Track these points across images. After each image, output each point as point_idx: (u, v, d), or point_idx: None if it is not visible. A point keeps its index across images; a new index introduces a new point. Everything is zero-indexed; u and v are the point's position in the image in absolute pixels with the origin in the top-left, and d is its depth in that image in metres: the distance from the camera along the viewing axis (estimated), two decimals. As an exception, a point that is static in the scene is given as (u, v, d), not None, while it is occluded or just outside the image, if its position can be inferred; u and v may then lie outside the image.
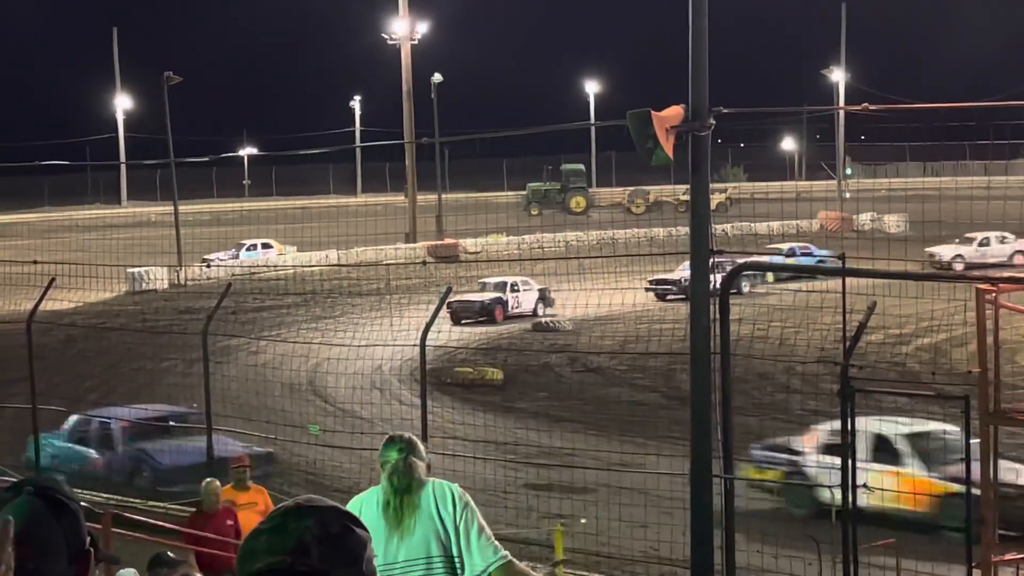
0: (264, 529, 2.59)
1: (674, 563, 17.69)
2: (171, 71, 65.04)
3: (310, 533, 2.55)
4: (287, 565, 2.52)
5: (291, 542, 2.54)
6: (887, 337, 34.31)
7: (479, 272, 54.68)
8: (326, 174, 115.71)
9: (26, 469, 23.34)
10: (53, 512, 2.77)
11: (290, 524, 2.57)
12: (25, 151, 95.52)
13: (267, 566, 2.53)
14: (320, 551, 2.53)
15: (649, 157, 12.52)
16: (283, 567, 2.52)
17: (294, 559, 2.52)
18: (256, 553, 2.55)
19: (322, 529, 2.56)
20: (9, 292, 38.78)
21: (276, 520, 2.60)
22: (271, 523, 2.60)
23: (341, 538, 2.58)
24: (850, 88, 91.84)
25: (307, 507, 2.62)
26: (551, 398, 32.90)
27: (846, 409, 13.51)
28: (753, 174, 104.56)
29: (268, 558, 2.53)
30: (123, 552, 13.79)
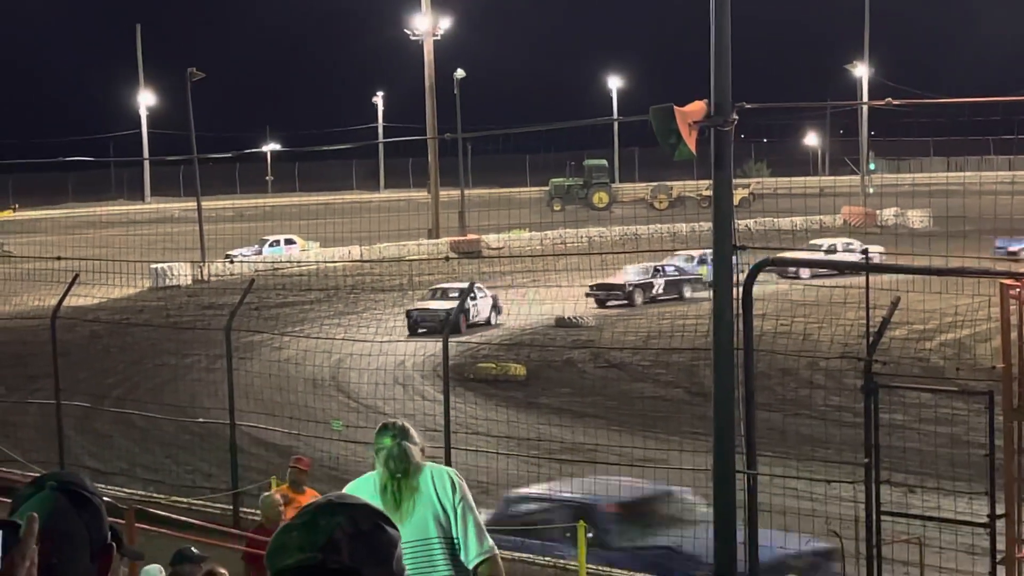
0: (295, 525, 2.60)
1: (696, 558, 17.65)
2: (194, 67, 65.23)
3: (341, 530, 2.55)
4: (318, 562, 2.52)
5: (322, 539, 2.54)
6: (911, 332, 34.21)
7: (502, 267, 54.65)
8: (349, 170, 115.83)
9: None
10: (75, 507, 2.77)
11: (321, 521, 2.57)
12: (49, 147, 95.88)
13: (297, 562, 2.53)
14: (351, 548, 2.53)
15: (672, 152, 12.50)
16: (314, 563, 2.52)
17: (325, 556, 2.52)
18: (287, 549, 2.55)
19: (353, 526, 2.56)
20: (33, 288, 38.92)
21: (307, 516, 2.60)
22: (302, 519, 2.60)
23: (372, 536, 2.57)
24: (873, 83, 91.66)
25: (338, 504, 2.62)
26: (574, 394, 32.88)
27: (869, 405, 13.47)
28: (776, 169, 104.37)
29: (299, 554, 2.54)
30: (147, 547, 13.83)
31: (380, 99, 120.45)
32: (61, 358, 23.92)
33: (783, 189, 68.81)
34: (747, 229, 52.57)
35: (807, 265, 43.13)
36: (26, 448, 25.18)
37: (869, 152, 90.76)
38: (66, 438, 24.06)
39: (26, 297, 42.32)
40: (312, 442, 24.79)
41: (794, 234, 59.41)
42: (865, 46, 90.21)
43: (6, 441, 24.19)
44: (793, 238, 56.11)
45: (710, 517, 13.79)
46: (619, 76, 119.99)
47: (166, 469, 25.67)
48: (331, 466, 25.27)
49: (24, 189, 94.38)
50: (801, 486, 20.15)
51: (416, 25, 78.03)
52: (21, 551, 2.43)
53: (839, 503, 17.70)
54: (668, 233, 62.12)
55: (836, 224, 68.94)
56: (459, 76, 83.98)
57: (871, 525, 13.66)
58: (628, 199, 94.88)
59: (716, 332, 13.35)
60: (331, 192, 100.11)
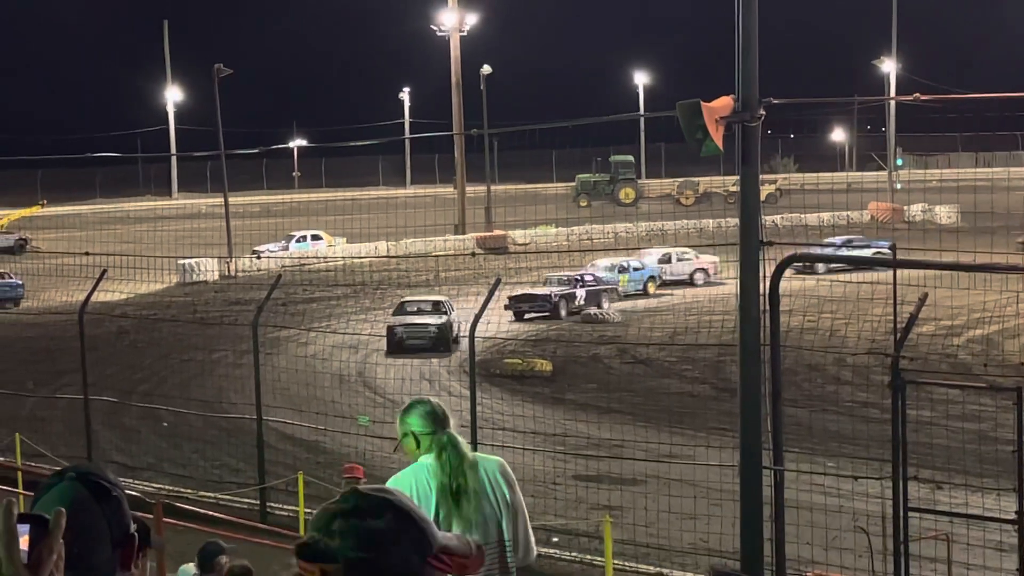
0: (324, 507, 2.68)
1: (724, 555, 17.65)
2: (221, 64, 65.36)
3: (343, 516, 2.63)
4: (314, 541, 2.64)
5: (324, 520, 2.64)
6: (938, 328, 34.10)
7: (528, 263, 54.67)
8: (375, 166, 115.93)
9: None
10: (96, 497, 2.80)
11: (336, 505, 2.65)
12: (77, 143, 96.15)
13: (304, 540, 2.64)
14: (342, 533, 2.61)
15: (699, 148, 12.49)
16: (311, 542, 2.64)
17: (321, 536, 2.62)
18: (308, 526, 2.64)
19: (356, 515, 2.64)
20: (62, 283, 39.11)
21: (336, 500, 2.69)
22: (332, 502, 2.68)
23: (374, 526, 2.64)
24: (901, 78, 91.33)
25: (360, 492, 2.71)
26: (600, 390, 32.86)
27: (897, 401, 13.44)
28: (803, 165, 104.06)
29: (310, 532, 2.62)
30: (175, 542, 13.89)
31: (407, 95, 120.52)
32: (89, 353, 24.02)
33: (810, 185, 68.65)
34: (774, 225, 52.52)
35: (833, 261, 43.03)
36: (54, 443, 25.29)
37: (896, 148, 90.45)
38: (94, 433, 24.16)
39: (54, 292, 42.54)
40: (338, 437, 24.86)
41: (821, 230, 59.30)
42: (893, 41, 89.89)
43: (34, 436, 24.30)
44: (820, 234, 56.01)
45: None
46: (646, 72, 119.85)
47: (194, 464, 25.74)
48: (358, 461, 25.30)
49: (52, 185, 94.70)
50: (828, 482, 20.13)
51: (443, 21, 78.08)
52: (49, 545, 2.45)
53: (866, 499, 17.66)
54: (695, 229, 62.07)
55: (863, 220, 68.77)
56: (485, 72, 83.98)
57: (898, 521, 13.62)
58: (654, 195, 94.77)
59: (743, 328, 13.34)
60: (358, 188, 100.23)
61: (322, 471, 22.86)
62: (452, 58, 75.90)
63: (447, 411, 6.40)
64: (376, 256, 62.00)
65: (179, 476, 24.40)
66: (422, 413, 6.34)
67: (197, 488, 22.84)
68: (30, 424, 27.38)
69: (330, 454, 25.50)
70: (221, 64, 65.38)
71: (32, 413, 29.67)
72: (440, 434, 6.24)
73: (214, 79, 64.70)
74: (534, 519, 6.59)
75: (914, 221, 68.25)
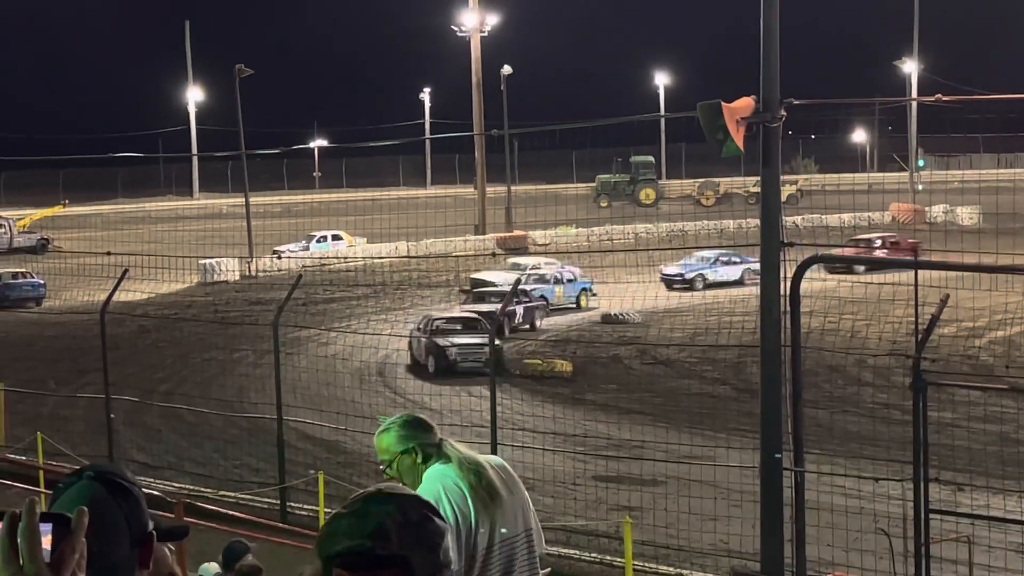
0: (345, 513, 2.65)
1: (744, 556, 17.63)
2: (242, 64, 65.47)
3: (390, 519, 2.60)
4: (366, 548, 2.56)
5: (371, 526, 2.59)
6: (960, 330, 34.01)
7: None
8: (396, 166, 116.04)
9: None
10: (114, 496, 2.81)
11: (371, 509, 2.62)
12: (99, 143, 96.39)
13: (347, 549, 2.58)
14: (400, 536, 2.58)
15: (719, 149, 12.49)
16: (362, 550, 2.57)
17: (374, 543, 2.57)
18: (336, 536, 2.60)
19: (403, 515, 2.61)
20: (83, 283, 39.24)
21: (357, 505, 2.66)
22: (352, 508, 2.66)
23: (420, 525, 2.62)
24: (923, 79, 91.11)
25: (388, 493, 2.68)
26: (620, 390, 32.84)
27: (918, 402, 13.40)
28: (824, 166, 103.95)
29: (348, 541, 2.58)
30: (195, 541, 13.91)
31: (427, 95, 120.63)
32: (110, 352, 24.09)
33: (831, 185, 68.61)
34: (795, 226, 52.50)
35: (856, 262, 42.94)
36: (75, 442, 25.35)
37: (918, 148, 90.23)
38: (115, 432, 24.23)
39: (76, 292, 42.66)
40: (359, 437, 24.86)
41: (842, 231, 59.20)
42: (914, 42, 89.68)
43: (56, 435, 24.36)
44: (841, 235, 55.90)
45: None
46: (666, 72, 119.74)
47: (214, 463, 25.79)
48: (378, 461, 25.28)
49: (74, 185, 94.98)
50: (849, 484, 20.09)
51: (463, 21, 78.07)
52: (71, 544, 2.46)
53: (887, 501, 17.63)
54: (715, 230, 61.99)
55: (885, 221, 68.63)
56: (506, 72, 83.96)
57: (919, 523, 13.60)
58: (675, 195, 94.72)
59: (763, 329, 13.33)
60: (378, 188, 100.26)
61: (342, 471, 22.89)
62: (473, 58, 75.89)
63: (431, 420, 6.26)
64: (396, 256, 62.04)
65: (200, 475, 24.44)
66: (417, 425, 6.15)
67: (218, 487, 22.87)
68: (52, 423, 27.46)
69: (350, 454, 25.52)
70: (242, 64, 65.48)
71: (54, 412, 29.75)
72: (444, 444, 6.09)
73: (235, 79, 64.81)
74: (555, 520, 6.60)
75: (936, 222, 68.06)
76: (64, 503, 2.78)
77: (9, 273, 54.63)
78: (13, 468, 22.39)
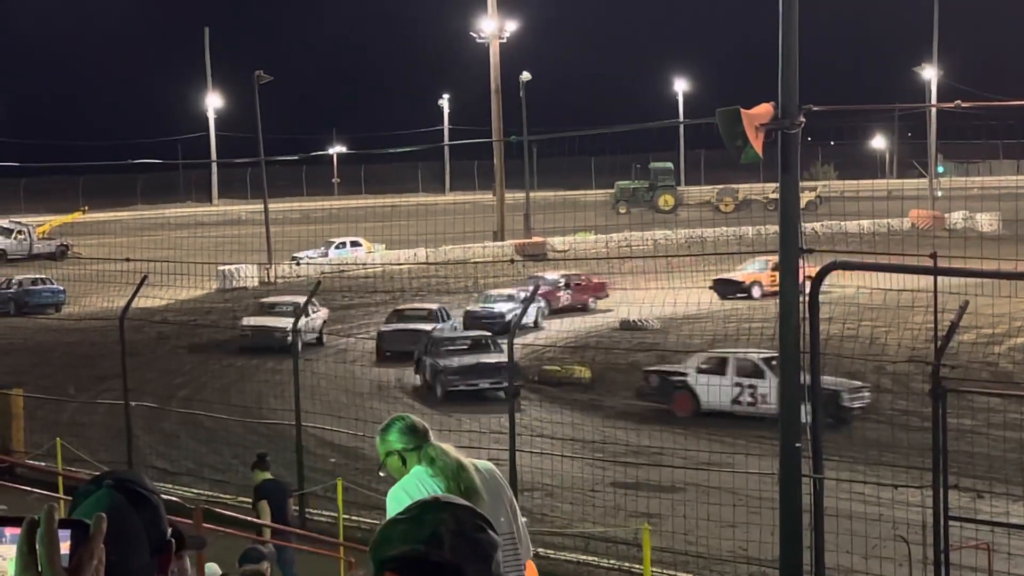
0: (401, 519, 2.67)
1: (763, 563, 17.61)
2: (261, 71, 65.59)
3: (445, 527, 2.61)
4: (420, 554, 2.58)
5: (426, 533, 2.60)
6: (979, 337, 33.93)
7: (567, 270, 54.58)
8: (415, 172, 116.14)
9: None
10: (133, 504, 2.81)
11: (426, 516, 2.64)
12: (118, 150, 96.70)
13: (400, 554, 2.59)
14: (453, 544, 2.59)
15: (738, 155, 12.47)
16: (416, 556, 2.58)
17: (428, 549, 2.58)
18: (391, 541, 2.62)
19: (457, 524, 2.63)
20: (103, 289, 39.30)
21: (413, 512, 2.68)
22: (408, 514, 2.68)
23: (474, 535, 2.64)
24: (942, 85, 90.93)
25: (444, 502, 2.70)
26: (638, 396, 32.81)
27: (937, 409, 13.37)
28: (843, 172, 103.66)
29: (402, 546, 2.60)
30: (213, 547, 13.92)
31: (446, 101, 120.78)
32: (130, 359, 24.15)
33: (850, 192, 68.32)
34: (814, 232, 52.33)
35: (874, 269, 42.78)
36: (94, 448, 25.42)
37: (937, 155, 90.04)
38: (134, 438, 24.27)
39: (95, 298, 42.76)
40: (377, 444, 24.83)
41: (861, 237, 59.05)
42: (934, 48, 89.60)
43: (75, 441, 24.42)
44: (860, 242, 55.77)
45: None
46: (685, 79, 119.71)
47: (233, 469, 25.81)
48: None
49: (93, 191, 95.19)
50: (868, 490, 20.05)
51: (482, 27, 78.13)
52: (89, 550, 2.46)
53: (906, 508, 17.60)
54: (734, 236, 61.93)
55: (904, 228, 68.47)
56: (525, 79, 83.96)
57: (939, 530, 13.56)
58: (694, 202, 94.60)
59: (782, 335, 13.30)
60: (397, 194, 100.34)
61: (361, 477, 22.90)
62: (491, 65, 75.94)
63: (426, 425, 6.49)
64: (415, 263, 62.09)
65: (218, 482, 24.47)
66: (402, 428, 6.43)
67: (236, 493, 22.89)
68: (71, 429, 27.53)
69: (369, 460, 25.49)
70: (261, 71, 65.61)
71: (73, 418, 29.83)
72: (425, 447, 6.31)
73: (254, 86, 64.94)
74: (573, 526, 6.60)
75: (955, 229, 67.87)
76: (83, 511, 2.78)
77: (29, 279, 54.80)
78: (32, 474, 22.45)
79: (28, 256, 70.90)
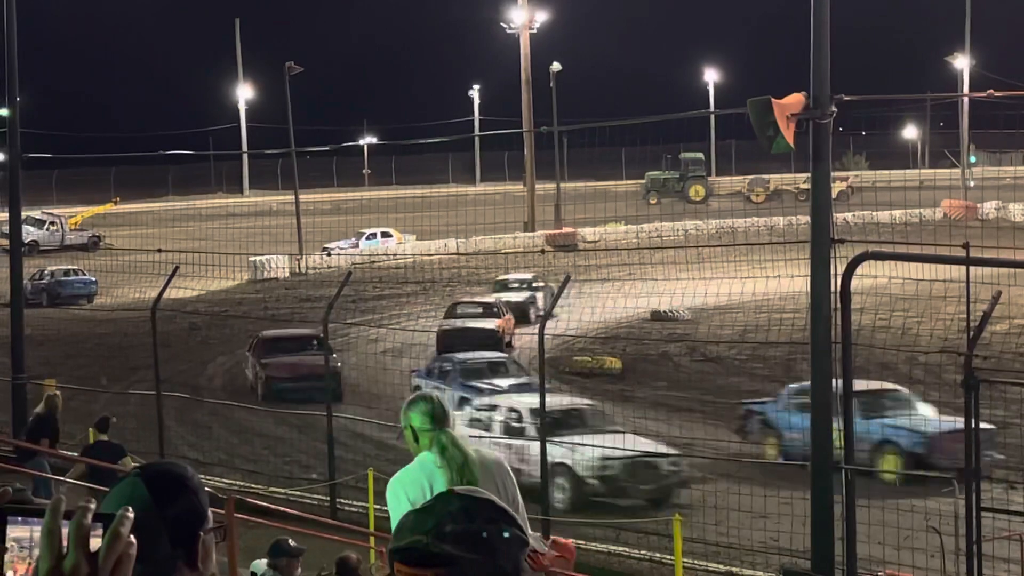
0: (417, 510, 2.68)
1: (794, 554, 17.57)
2: (292, 62, 65.71)
3: (452, 518, 2.60)
4: (422, 545, 2.58)
5: (432, 523, 2.60)
6: (1012, 327, 33.76)
7: (597, 261, 54.57)
8: (445, 163, 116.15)
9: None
10: (155, 496, 2.82)
11: (437, 507, 2.65)
12: (150, 141, 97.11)
13: (408, 544, 2.61)
14: (456, 536, 2.58)
15: (769, 145, 12.46)
16: (419, 546, 2.58)
17: (429, 539, 2.58)
18: (403, 531, 2.64)
19: (467, 516, 2.62)
20: (134, 280, 39.45)
21: (429, 502, 2.68)
22: (424, 505, 2.68)
23: (482, 528, 2.62)
24: (974, 74, 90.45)
25: (459, 494, 2.69)
26: (670, 387, 32.79)
27: (970, 400, 13.33)
28: (875, 162, 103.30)
29: (410, 536, 2.61)
30: (245, 537, 13.99)
31: (476, 92, 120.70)
32: (161, 349, 24.25)
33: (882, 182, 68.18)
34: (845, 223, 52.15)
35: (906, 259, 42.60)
36: (127, 438, 25.45)
37: (970, 144, 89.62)
38: (166, 429, 24.37)
39: (127, 289, 42.93)
40: (408, 434, 24.87)
41: (893, 228, 58.87)
42: (966, 37, 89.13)
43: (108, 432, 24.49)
44: (892, 232, 55.61)
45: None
46: (716, 68, 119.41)
47: (264, 460, 25.90)
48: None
49: (125, 182, 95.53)
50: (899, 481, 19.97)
51: (512, 18, 78.05)
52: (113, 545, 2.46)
53: (938, 499, 17.53)
54: (765, 227, 61.78)
55: (936, 218, 68.22)
56: (555, 69, 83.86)
57: (971, 521, 13.52)
58: (725, 192, 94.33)
59: (813, 326, 13.28)
60: (427, 185, 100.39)
61: (392, 468, 22.88)
62: (522, 55, 75.88)
63: (447, 409, 6.65)
64: (445, 253, 62.13)
65: (250, 472, 24.54)
66: (424, 410, 6.59)
67: (268, 484, 22.97)
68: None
69: (399, 451, 25.51)
70: (292, 62, 65.73)
71: (105, 409, 29.92)
72: (438, 432, 6.47)
73: (285, 77, 65.06)
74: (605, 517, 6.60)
75: (988, 219, 67.59)
76: (106, 501, 2.80)
77: (61, 270, 55.06)
78: (65, 464, 22.54)
79: (60, 247, 71.17)
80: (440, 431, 6.48)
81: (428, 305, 46.70)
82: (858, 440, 15.88)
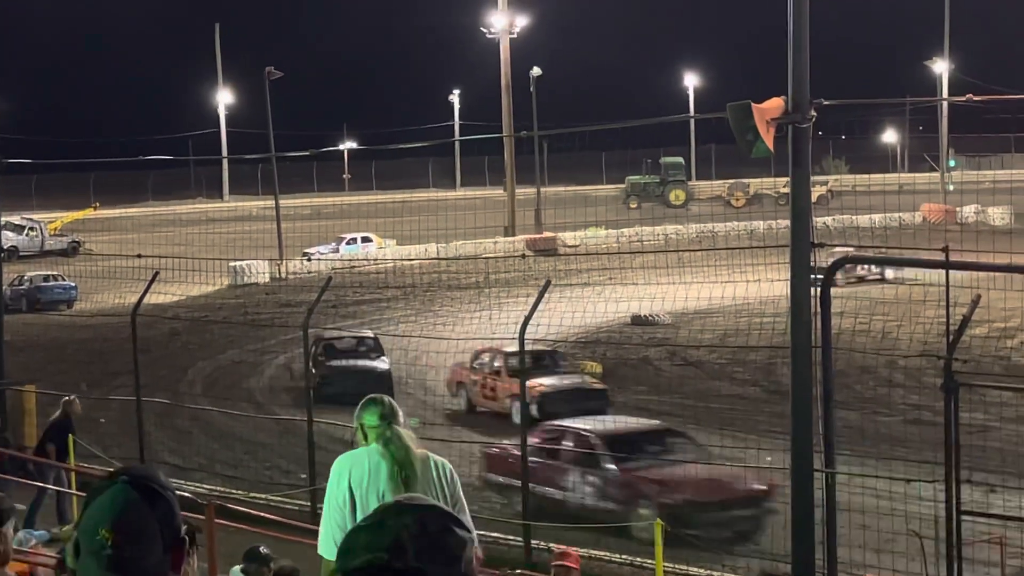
0: (363, 527, 2.60)
1: (775, 557, 17.59)
2: (272, 67, 65.68)
3: (407, 531, 2.54)
4: (383, 562, 2.52)
5: (388, 539, 2.54)
6: (991, 331, 33.87)
7: (578, 265, 54.59)
8: (425, 168, 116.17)
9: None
10: (147, 501, 2.81)
11: (388, 521, 2.57)
12: (129, 146, 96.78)
13: (365, 563, 2.53)
14: (417, 549, 2.53)
15: (749, 150, 12.46)
16: (380, 564, 2.52)
17: (391, 556, 2.52)
18: (355, 550, 2.56)
19: (421, 527, 2.56)
20: (114, 286, 39.33)
21: (376, 518, 2.61)
22: (370, 521, 2.60)
23: (439, 537, 2.57)
24: (954, 78, 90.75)
25: (407, 505, 2.62)
26: (650, 392, 32.79)
27: (950, 403, 13.36)
28: (854, 166, 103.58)
29: (366, 555, 2.53)
30: (225, 543, 13.95)
31: (456, 97, 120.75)
32: (141, 355, 24.18)
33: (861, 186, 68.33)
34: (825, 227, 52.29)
35: (883, 263, 42.70)
36: (107, 443, 25.45)
37: (949, 149, 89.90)
38: (146, 434, 24.31)
39: (107, 294, 42.81)
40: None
41: (872, 232, 58.94)
42: (945, 41, 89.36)
43: (88, 437, 24.42)
44: (872, 236, 55.70)
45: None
46: (696, 73, 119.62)
47: (245, 465, 25.85)
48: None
49: (104, 188, 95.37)
50: (880, 485, 20.01)
51: (493, 23, 78.06)
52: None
53: (919, 502, 17.56)
54: (745, 231, 61.86)
55: (915, 222, 68.37)
56: (535, 74, 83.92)
57: (951, 525, 13.55)
58: (705, 197, 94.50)
59: (794, 330, 13.29)
60: (408, 190, 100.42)
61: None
62: (502, 60, 75.87)
63: (396, 408, 7.15)
64: (426, 258, 62.10)
65: (230, 477, 24.49)
66: (373, 410, 7.07)
67: (248, 489, 22.91)
68: (83, 425, 27.41)
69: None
70: (272, 67, 65.68)
71: (85, 414, 29.81)
72: (385, 427, 6.92)
73: (265, 82, 65.02)
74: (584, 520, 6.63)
75: (967, 223, 67.79)
76: (98, 507, 2.79)
77: (40, 276, 54.91)
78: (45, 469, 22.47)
79: (40, 253, 70.96)
80: (387, 426, 6.90)
81: (408, 310, 46.65)
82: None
